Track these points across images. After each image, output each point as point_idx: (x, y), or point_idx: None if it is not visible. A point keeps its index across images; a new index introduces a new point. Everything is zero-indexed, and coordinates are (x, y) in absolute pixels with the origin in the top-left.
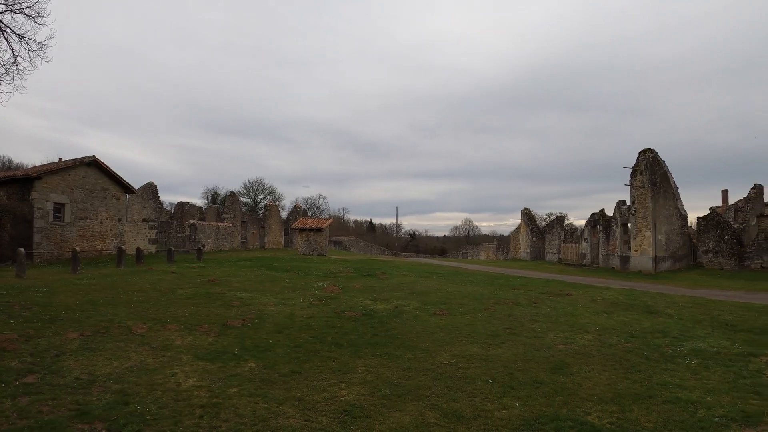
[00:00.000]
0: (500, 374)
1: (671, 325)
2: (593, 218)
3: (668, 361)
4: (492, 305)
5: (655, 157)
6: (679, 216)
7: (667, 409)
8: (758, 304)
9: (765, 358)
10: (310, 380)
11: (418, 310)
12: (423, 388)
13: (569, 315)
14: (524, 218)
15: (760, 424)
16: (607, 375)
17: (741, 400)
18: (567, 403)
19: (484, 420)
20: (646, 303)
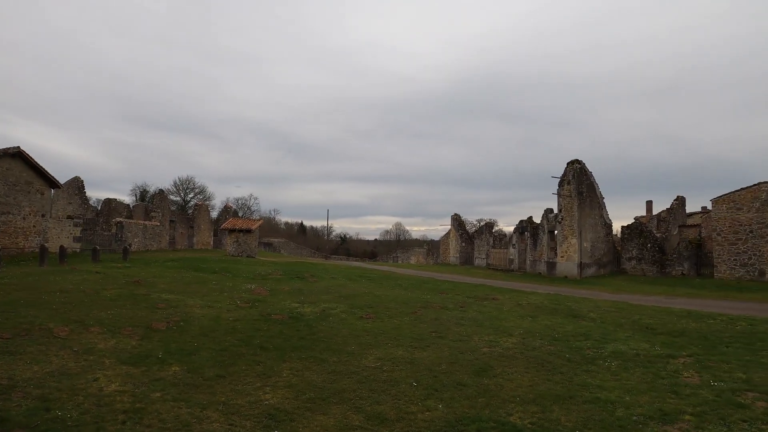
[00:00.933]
0: (424, 377)
1: (593, 329)
2: (521, 225)
3: (589, 363)
4: (419, 309)
5: (582, 168)
6: (604, 224)
7: (587, 409)
8: (677, 309)
9: (683, 360)
10: (234, 384)
11: (345, 314)
12: (348, 391)
13: (495, 319)
14: (454, 224)
15: (677, 422)
16: (529, 377)
17: (659, 400)
18: (489, 405)
19: (408, 422)
20: (570, 307)
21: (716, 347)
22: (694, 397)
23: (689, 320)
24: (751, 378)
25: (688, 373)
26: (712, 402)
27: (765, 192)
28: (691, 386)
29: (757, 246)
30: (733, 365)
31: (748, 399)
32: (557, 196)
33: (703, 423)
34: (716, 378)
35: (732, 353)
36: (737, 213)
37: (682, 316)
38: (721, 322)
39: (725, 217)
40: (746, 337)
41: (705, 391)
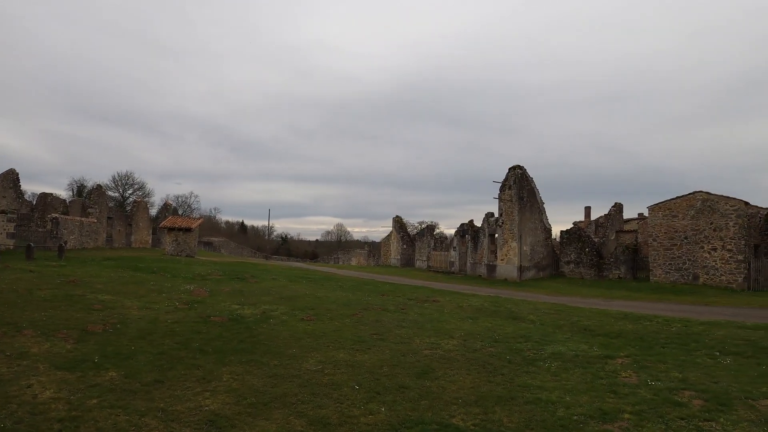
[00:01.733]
0: (366, 380)
1: (533, 331)
2: (462, 228)
3: (530, 364)
4: (360, 311)
5: (523, 174)
6: (544, 229)
7: (528, 410)
8: (614, 311)
9: (621, 360)
10: (173, 389)
11: (286, 316)
12: (289, 395)
13: (436, 321)
14: (396, 225)
15: (617, 421)
16: (471, 378)
17: (598, 399)
18: (432, 407)
19: (350, 426)
20: (510, 309)
21: (653, 348)
22: (633, 396)
23: (626, 322)
24: (687, 377)
25: (626, 373)
26: (650, 401)
27: (700, 201)
28: (629, 386)
29: (692, 251)
30: (670, 365)
31: (685, 397)
32: (498, 200)
33: (642, 421)
34: (653, 377)
35: (668, 353)
36: (673, 220)
37: (620, 318)
38: (657, 324)
39: (661, 224)
40: (681, 338)
41: (643, 391)
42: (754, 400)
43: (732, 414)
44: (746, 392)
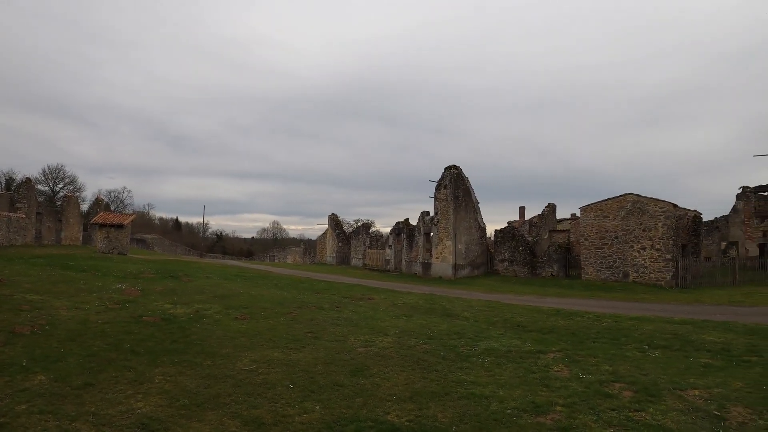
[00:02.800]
0: (301, 378)
1: (467, 327)
2: (398, 226)
3: (463, 360)
4: (295, 309)
5: (459, 174)
6: (479, 228)
7: (462, 405)
8: (547, 307)
9: (553, 355)
10: (104, 392)
11: (219, 315)
12: (223, 395)
13: (371, 319)
14: (331, 223)
15: (549, 413)
16: (405, 375)
17: (531, 393)
18: (367, 404)
19: (285, 426)
20: (444, 307)
21: (584, 342)
22: (565, 389)
23: (558, 318)
24: (617, 370)
25: (558, 367)
26: (581, 393)
27: (630, 202)
28: (561, 379)
29: (622, 251)
30: (600, 359)
31: (615, 389)
32: (434, 199)
33: (574, 413)
34: (585, 371)
35: (599, 348)
36: (604, 220)
37: (552, 314)
38: (588, 320)
39: (593, 224)
40: (612, 332)
41: (575, 384)
42: (682, 391)
43: (661, 404)
44: (674, 383)
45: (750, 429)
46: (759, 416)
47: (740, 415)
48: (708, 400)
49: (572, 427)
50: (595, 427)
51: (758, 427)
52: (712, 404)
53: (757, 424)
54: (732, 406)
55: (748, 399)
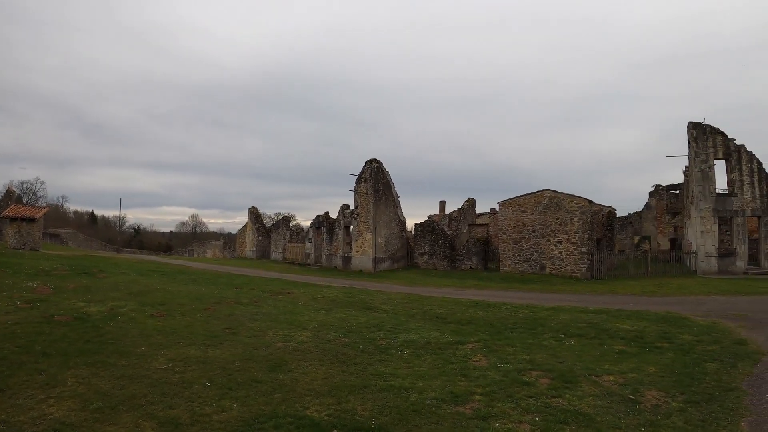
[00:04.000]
0: (218, 376)
1: (386, 320)
2: (318, 220)
3: (383, 352)
4: (213, 305)
5: (380, 167)
6: (399, 221)
7: (382, 397)
8: (466, 299)
9: (471, 345)
10: (15, 398)
11: (135, 312)
12: (138, 396)
13: (290, 313)
14: (251, 217)
15: (468, 402)
16: (324, 369)
17: (450, 383)
18: (285, 400)
19: (202, 425)
20: (364, 300)
21: (502, 333)
22: (483, 378)
23: (477, 309)
24: (534, 358)
25: (477, 358)
26: (499, 382)
27: (547, 198)
28: (479, 369)
29: (539, 244)
30: (518, 348)
31: (533, 377)
32: (354, 193)
33: (492, 401)
34: (503, 360)
35: (516, 337)
36: (522, 215)
37: (470, 306)
38: (506, 311)
39: (511, 218)
40: (529, 322)
41: (493, 373)
42: (597, 377)
43: (577, 390)
44: (590, 370)
45: (663, 411)
46: (672, 398)
47: (654, 398)
48: (623, 384)
49: (491, 415)
50: (514, 414)
51: (671, 408)
52: (627, 388)
53: (670, 406)
54: (646, 389)
55: (661, 383)
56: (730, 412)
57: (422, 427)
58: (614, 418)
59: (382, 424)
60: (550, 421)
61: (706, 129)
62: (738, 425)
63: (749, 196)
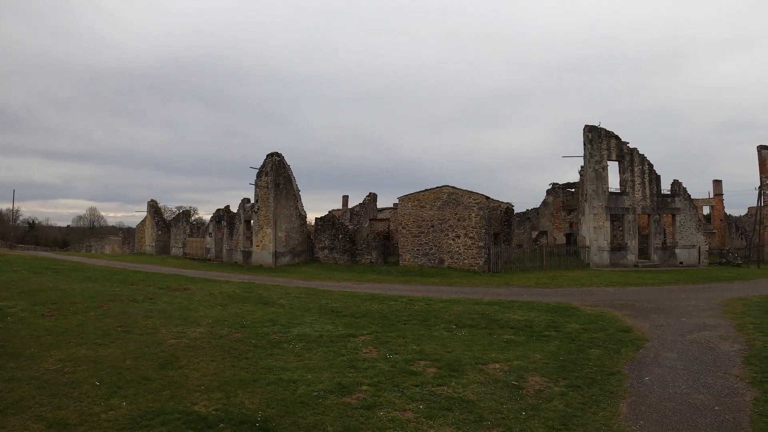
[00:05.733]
0: (108, 375)
1: (282, 314)
2: (219, 214)
3: (275, 346)
4: (107, 303)
5: (281, 161)
6: (299, 216)
7: (270, 390)
8: (363, 293)
9: (362, 338)
10: None
11: (25, 312)
12: (26, 399)
13: (185, 309)
14: (150, 210)
15: (355, 393)
16: (215, 365)
17: (339, 375)
18: (174, 397)
19: (91, 424)
20: (261, 295)
21: (395, 325)
22: (372, 369)
23: (373, 303)
24: (424, 349)
25: (367, 349)
26: (387, 372)
27: (446, 194)
28: (369, 360)
29: (438, 239)
30: (409, 339)
31: (420, 367)
32: (255, 186)
33: (379, 391)
34: (392, 351)
35: (408, 329)
36: (421, 210)
37: (367, 299)
38: (401, 303)
39: (410, 213)
40: (422, 314)
41: (381, 364)
42: (483, 365)
43: (463, 378)
44: (477, 358)
45: (545, 395)
46: (554, 384)
47: (537, 384)
48: (508, 372)
49: (376, 404)
50: (399, 403)
51: (553, 393)
52: (511, 375)
53: (552, 391)
54: (530, 376)
55: (544, 369)
56: (610, 394)
57: (307, 418)
58: (497, 404)
59: (267, 417)
60: (433, 408)
61: (601, 132)
62: (617, 407)
63: (640, 195)
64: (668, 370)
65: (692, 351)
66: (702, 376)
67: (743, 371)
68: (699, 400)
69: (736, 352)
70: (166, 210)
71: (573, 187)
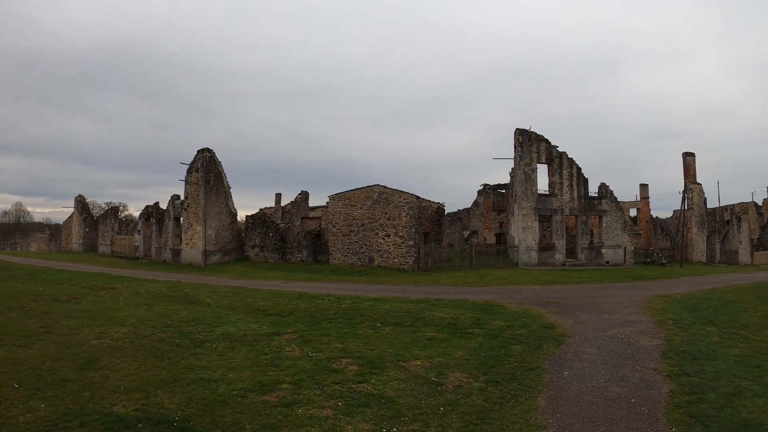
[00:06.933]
0: (27, 377)
1: (207, 313)
2: (147, 210)
3: (198, 346)
4: (29, 303)
5: (212, 157)
6: (230, 213)
7: (190, 390)
8: (291, 291)
9: (287, 336)
10: None
11: None
12: None
13: (109, 309)
14: (78, 206)
15: (275, 391)
16: (136, 365)
17: (260, 373)
18: (94, 398)
19: (9, 427)
20: (188, 294)
21: (320, 323)
22: (293, 368)
23: (300, 301)
24: (347, 347)
25: (291, 348)
26: (309, 370)
27: (377, 193)
28: (291, 359)
29: (368, 237)
30: (333, 337)
31: (342, 364)
32: (185, 182)
33: (299, 389)
34: (315, 350)
35: (333, 327)
36: (352, 209)
37: (294, 297)
38: (329, 302)
39: (341, 212)
40: (349, 312)
41: (304, 362)
42: (405, 362)
43: (383, 375)
44: (399, 356)
45: (464, 391)
46: (474, 379)
47: (457, 380)
48: (429, 368)
49: (296, 402)
50: (318, 400)
51: (472, 388)
52: (432, 372)
53: (472, 386)
54: (450, 372)
55: (465, 365)
56: (529, 389)
57: (226, 416)
58: (416, 400)
59: (186, 416)
60: (352, 405)
61: (532, 135)
62: (535, 401)
63: (568, 197)
64: (588, 365)
65: (612, 346)
66: (620, 370)
67: (660, 365)
68: (616, 393)
69: (654, 347)
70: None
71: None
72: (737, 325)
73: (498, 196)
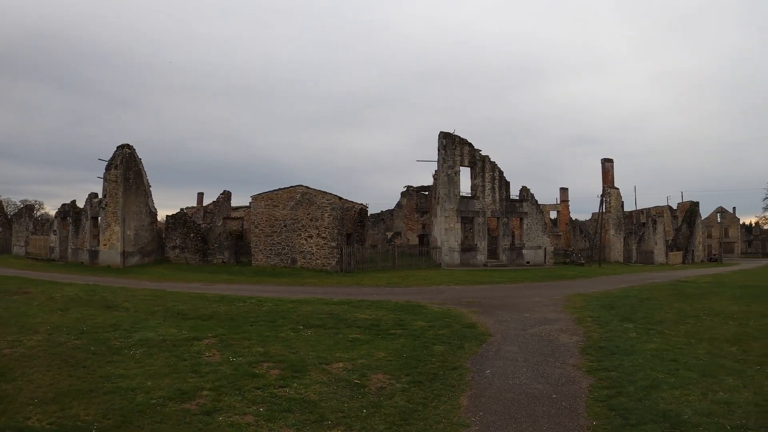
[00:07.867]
0: None
1: (125, 318)
2: (64, 209)
3: (115, 353)
4: None
5: (132, 154)
6: (150, 213)
7: (107, 400)
8: (212, 294)
9: (207, 341)
10: None
11: None
12: None
13: (22, 315)
14: None
15: (195, 399)
16: (51, 375)
17: (180, 381)
18: (6, 412)
19: None
20: (105, 298)
21: (241, 327)
22: (214, 373)
23: (221, 304)
24: (269, 351)
25: (210, 353)
26: (230, 376)
27: (300, 193)
28: (211, 364)
29: (290, 238)
30: (254, 341)
31: (264, 369)
32: (103, 180)
33: (220, 396)
34: (236, 354)
35: (254, 331)
36: (274, 209)
37: (215, 300)
38: (250, 304)
39: (263, 212)
40: (271, 315)
41: (224, 367)
42: (327, 365)
43: (306, 378)
44: (321, 358)
45: (387, 392)
46: (396, 380)
47: (379, 381)
48: (351, 371)
49: (217, 409)
50: (239, 406)
51: (395, 389)
52: (354, 374)
53: (395, 387)
54: (373, 374)
55: (388, 367)
56: (451, 388)
57: (145, 427)
58: (338, 403)
59: (104, 428)
60: (274, 410)
61: (455, 139)
62: (458, 400)
63: (490, 200)
64: (509, 363)
65: (533, 344)
66: (541, 367)
67: (580, 361)
68: (537, 390)
69: (574, 344)
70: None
71: (427, 190)
72: (653, 321)
73: (421, 198)
